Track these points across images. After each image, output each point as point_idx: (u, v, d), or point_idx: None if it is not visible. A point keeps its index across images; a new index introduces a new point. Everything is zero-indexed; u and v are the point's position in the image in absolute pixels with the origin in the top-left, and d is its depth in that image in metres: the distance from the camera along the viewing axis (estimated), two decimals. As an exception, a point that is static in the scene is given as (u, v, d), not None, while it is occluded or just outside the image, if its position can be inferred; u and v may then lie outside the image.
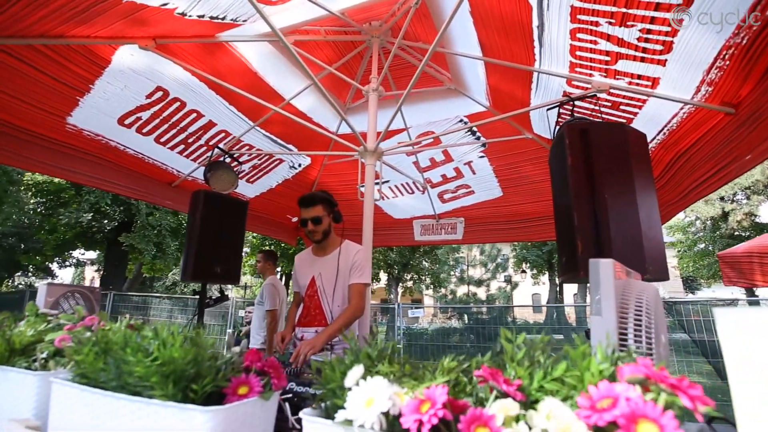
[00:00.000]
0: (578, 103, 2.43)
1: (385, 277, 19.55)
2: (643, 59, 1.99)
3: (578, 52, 2.15)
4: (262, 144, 3.59)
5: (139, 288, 15.76)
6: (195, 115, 3.01)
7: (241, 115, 3.19)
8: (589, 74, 2.26)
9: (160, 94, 2.73)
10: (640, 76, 2.12)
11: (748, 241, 5.02)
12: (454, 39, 2.77)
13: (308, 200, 2.25)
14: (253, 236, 14.87)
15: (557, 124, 2.42)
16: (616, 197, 1.71)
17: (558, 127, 2.17)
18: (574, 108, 2.34)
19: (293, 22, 2.64)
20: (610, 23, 1.85)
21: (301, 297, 2.35)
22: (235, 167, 3.27)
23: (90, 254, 19.18)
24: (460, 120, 3.46)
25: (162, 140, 3.07)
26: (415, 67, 2.48)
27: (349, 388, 0.62)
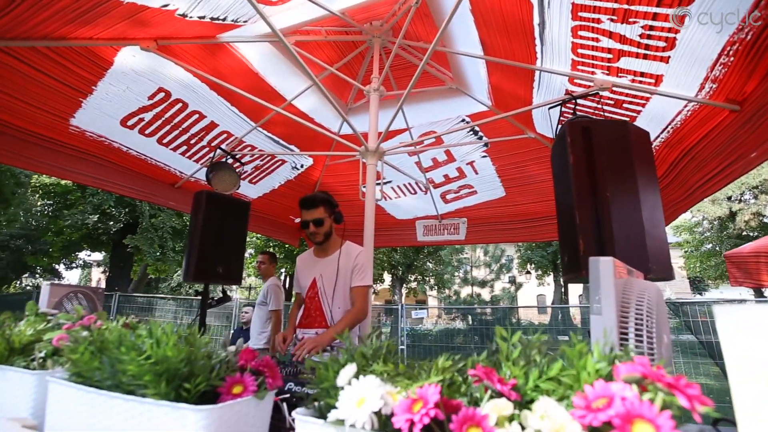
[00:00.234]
0: (580, 101, 2.41)
1: (389, 278, 19.54)
2: (645, 56, 1.97)
3: (580, 50, 2.13)
4: (264, 145, 3.60)
5: (145, 289, 15.85)
6: (197, 116, 3.02)
7: (243, 116, 3.20)
8: (592, 72, 2.25)
9: (162, 96, 2.74)
10: (642, 74, 2.10)
11: (755, 241, 4.96)
12: (455, 38, 2.76)
13: (309, 202, 2.24)
14: (257, 237, 14.92)
15: (559, 122, 2.40)
16: (619, 196, 1.69)
17: (560, 126, 2.15)
18: (577, 106, 2.32)
19: (294, 23, 2.64)
20: (612, 20, 1.83)
21: (302, 298, 2.34)
22: (237, 168, 3.28)
23: (96, 256, 19.33)
24: (462, 120, 3.45)
25: (164, 141, 3.08)
26: (417, 66, 2.47)
27: (341, 388, 0.61)
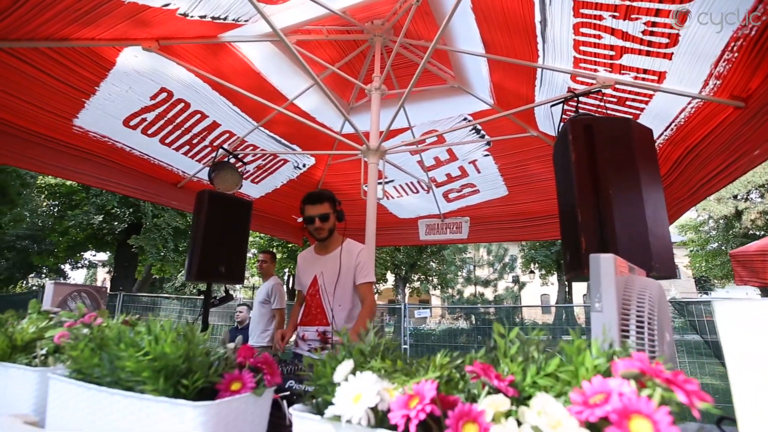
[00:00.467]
0: (583, 99, 2.40)
1: (392, 277, 19.54)
2: (648, 53, 1.95)
3: (582, 47, 2.12)
4: (267, 144, 3.60)
5: (149, 289, 15.94)
6: (199, 116, 3.03)
7: (245, 115, 3.20)
8: (594, 69, 2.23)
9: (165, 96, 2.75)
10: (645, 71, 2.08)
11: (761, 240, 4.91)
12: (456, 36, 2.76)
13: (316, 197, 2.25)
14: (260, 237, 14.97)
15: (562, 120, 2.39)
16: (621, 193, 1.68)
17: (562, 124, 2.14)
18: (579, 104, 2.31)
19: (295, 22, 2.64)
20: (614, 17, 1.82)
21: (303, 296, 2.34)
22: (240, 167, 3.29)
23: (101, 256, 19.48)
24: (464, 118, 3.44)
25: (167, 141, 3.09)
26: (418, 65, 2.47)
27: (338, 384, 0.61)
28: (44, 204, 13.84)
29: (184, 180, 3.51)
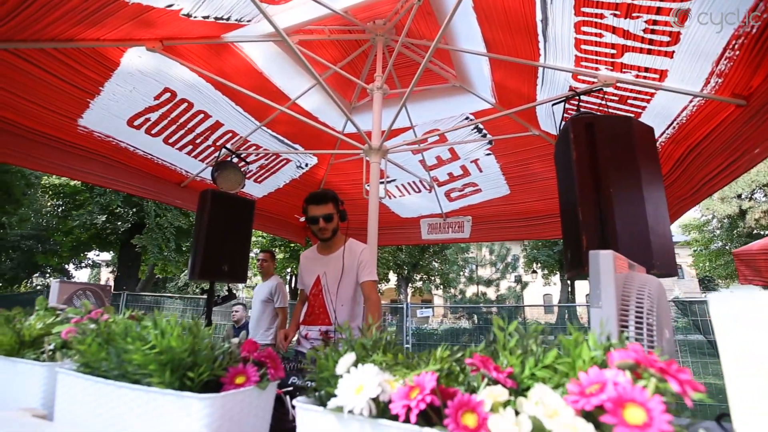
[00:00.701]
0: (584, 98, 2.40)
1: (394, 277, 19.54)
2: (650, 51, 1.95)
3: (583, 46, 2.12)
4: (269, 144, 3.62)
5: (152, 288, 16.01)
6: (202, 115, 3.05)
7: (248, 115, 3.22)
8: (595, 68, 2.24)
9: (168, 96, 2.77)
10: (647, 69, 2.08)
11: (764, 239, 4.89)
12: (458, 36, 2.77)
13: (320, 197, 2.25)
14: (263, 236, 15.00)
15: (563, 119, 2.39)
16: (622, 192, 1.68)
17: (563, 122, 2.15)
18: (580, 103, 2.31)
19: (297, 22, 2.66)
20: (615, 15, 1.82)
21: (306, 295, 2.36)
22: (243, 167, 3.31)
23: (105, 255, 19.57)
24: (466, 117, 3.45)
25: (170, 141, 3.12)
26: (420, 65, 2.48)
27: (340, 376, 0.62)
28: (48, 204, 13.92)
29: (188, 179, 3.54)
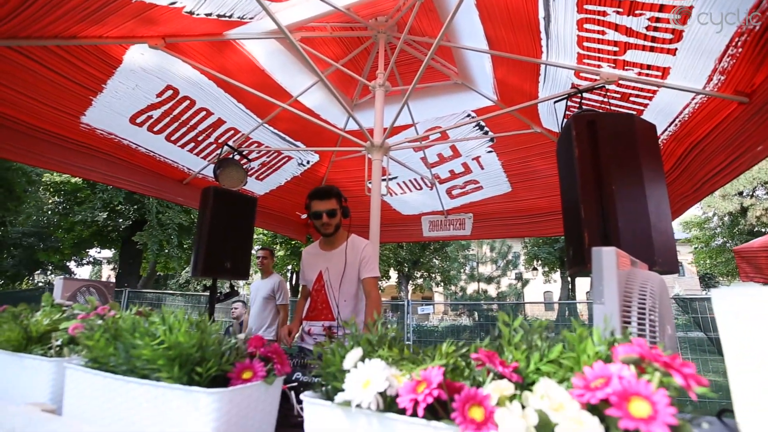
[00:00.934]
0: (587, 95, 2.40)
1: (395, 274, 19.57)
2: (652, 49, 1.95)
3: (586, 43, 2.12)
4: (271, 141, 3.63)
5: (153, 286, 16.04)
6: (204, 113, 3.05)
7: (250, 112, 3.23)
8: (598, 65, 2.23)
9: (171, 93, 2.78)
10: (649, 66, 2.08)
11: (765, 236, 4.89)
12: (460, 33, 2.76)
13: (324, 193, 2.26)
14: (264, 233, 15.02)
15: (565, 116, 2.39)
16: (624, 189, 1.69)
17: (566, 120, 2.15)
18: (583, 100, 2.31)
19: (299, 19, 2.65)
20: (618, 12, 1.82)
21: (308, 291, 2.37)
22: (244, 164, 3.31)
23: (106, 253, 19.61)
24: (468, 115, 3.45)
25: (173, 138, 3.12)
26: (422, 62, 2.48)
27: (347, 371, 0.63)
28: (50, 201, 13.94)
29: (190, 177, 3.54)
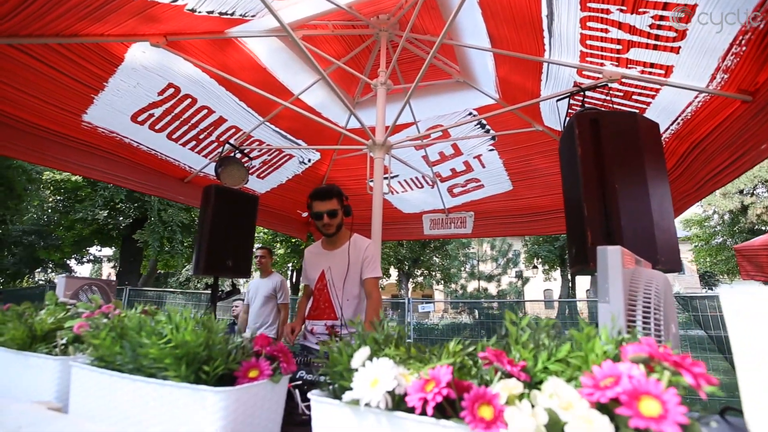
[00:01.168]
0: (589, 93, 2.40)
1: (395, 272, 19.58)
2: (656, 47, 1.95)
3: (589, 41, 2.11)
4: (272, 139, 3.62)
5: (154, 284, 16.06)
6: (206, 111, 3.05)
7: (251, 110, 3.22)
8: (600, 64, 2.23)
9: (172, 91, 2.77)
10: (652, 65, 2.08)
11: (766, 234, 4.89)
12: (462, 31, 2.75)
13: (324, 193, 2.25)
14: (264, 232, 15.03)
15: (568, 115, 2.39)
16: (627, 187, 1.69)
17: (568, 118, 2.15)
18: (585, 99, 2.31)
19: (301, 17, 2.65)
20: (622, 10, 1.81)
21: (310, 290, 2.37)
22: (246, 163, 3.31)
23: (106, 251, 19.62)
24: (469, 113, 3.44)
25: (174, 137, 3.12)
26: (424, 60, 2.47)
27: (355, 370, 0.63)
28: (50, 199, 13.94)
29: (191, 175, 3.54)
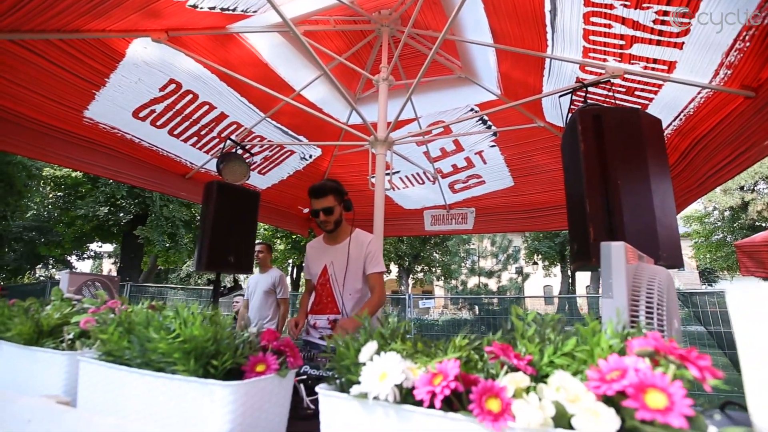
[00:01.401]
0: (592, 89, 2.39)
1: (395, 268, 19.64)
2: (659, 42, 1.94)
3: (592, 37, 2.11)
4: (274, 135, 3.62)
5: (155, 280, 16.10)
6: (207, 107, 3.05)
7: (253, 106, 3.22)
8: (603, 59, 2.22)
9: (173, 87, 2.77)
10: (656, 60, 2.07)
11: (767, 231, 4.90)
12: (464, 26, 2.74)
13: (319, 191, 2.25)
14: (265, 228, 15.05)
15: (570, 111, 2.39)
16: (630, 183, 1.69)
17: (570, 114, 2.14)
18: (587, 94, 2.30)
19: (302, 12, 2.64)
20: (625, 6, 1.81)
21: (313, 285, 2.38)
22: (247, 158, 3.31)
23: (107, 247, 19.65)
24: (471, 109, 3.44)
25: (175, 132, 3.12)
26: (425, 56, 2.46)
27: (363, 364, 0.64)
28: (50, 195, 13.95)
29: (192, 171, 3.54)
